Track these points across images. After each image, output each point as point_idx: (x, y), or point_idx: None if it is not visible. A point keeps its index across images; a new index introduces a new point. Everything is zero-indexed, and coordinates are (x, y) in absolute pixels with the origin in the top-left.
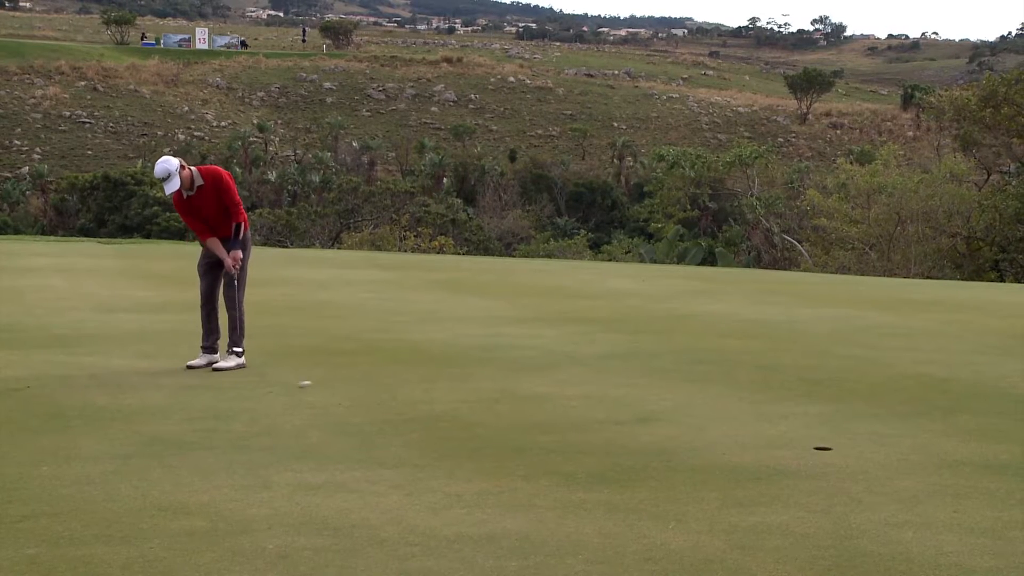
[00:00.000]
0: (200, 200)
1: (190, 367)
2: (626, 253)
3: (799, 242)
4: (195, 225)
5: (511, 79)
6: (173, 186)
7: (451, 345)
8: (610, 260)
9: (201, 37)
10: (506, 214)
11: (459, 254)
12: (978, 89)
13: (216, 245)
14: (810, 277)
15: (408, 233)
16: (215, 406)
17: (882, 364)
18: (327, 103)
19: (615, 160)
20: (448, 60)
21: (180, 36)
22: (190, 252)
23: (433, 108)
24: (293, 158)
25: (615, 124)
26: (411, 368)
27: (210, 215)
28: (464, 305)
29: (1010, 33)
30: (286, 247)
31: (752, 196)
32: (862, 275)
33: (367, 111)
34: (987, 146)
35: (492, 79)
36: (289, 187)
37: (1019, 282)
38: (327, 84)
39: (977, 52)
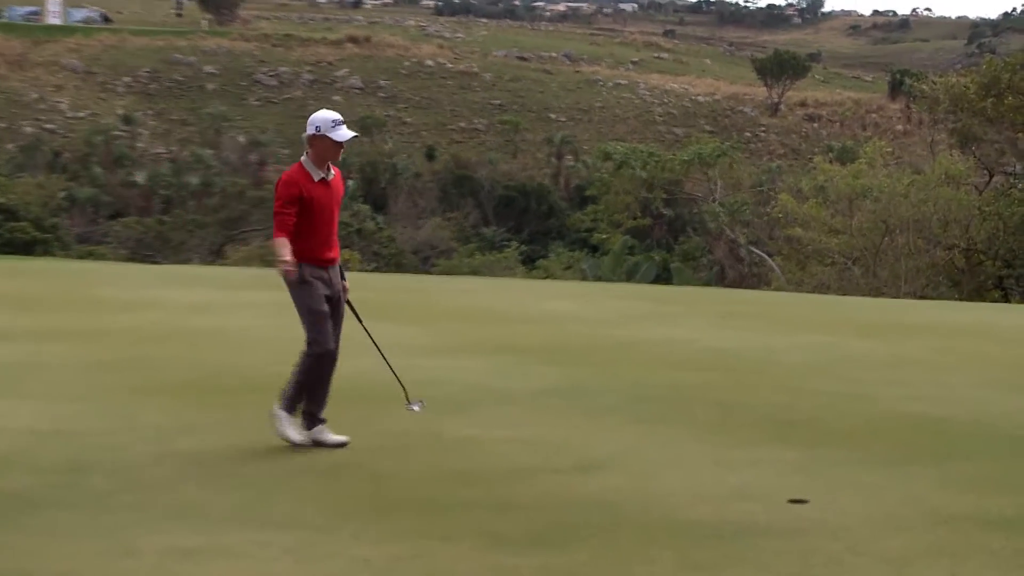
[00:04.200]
0: (331, 191)
1: (341, 444)
2: (566, 269)
3: (769, 256)
4: (319, 226)
5: (428, 62)
6: (348, 134)
7: (356, 380)
8: (547, 277)
9: (53, 10)
10: (423, 223)
11: (366, 271)
12: (978, 75)
13: (286, 247)
14: (782, 297)
15: None
16: (70, 456)
17: (867, 401)
18: (208, 90)
19: (552, 159)
20: (353, 40)
21: (27, 8)
22: (33, 270)
23: (336, 97)
24: (166, 156)
25: (552, 116)
26: None
27: (328, 217)
28: (372, 332)
29: (1015, 9)
30: (156, 263)
31: (714, 201)
32: (844, 295)
33: (256, 100)
34: (989, 142)
35: (406, 62)
36: (161, 191)
37: None
38: (208, 68)
39: (976, 31)
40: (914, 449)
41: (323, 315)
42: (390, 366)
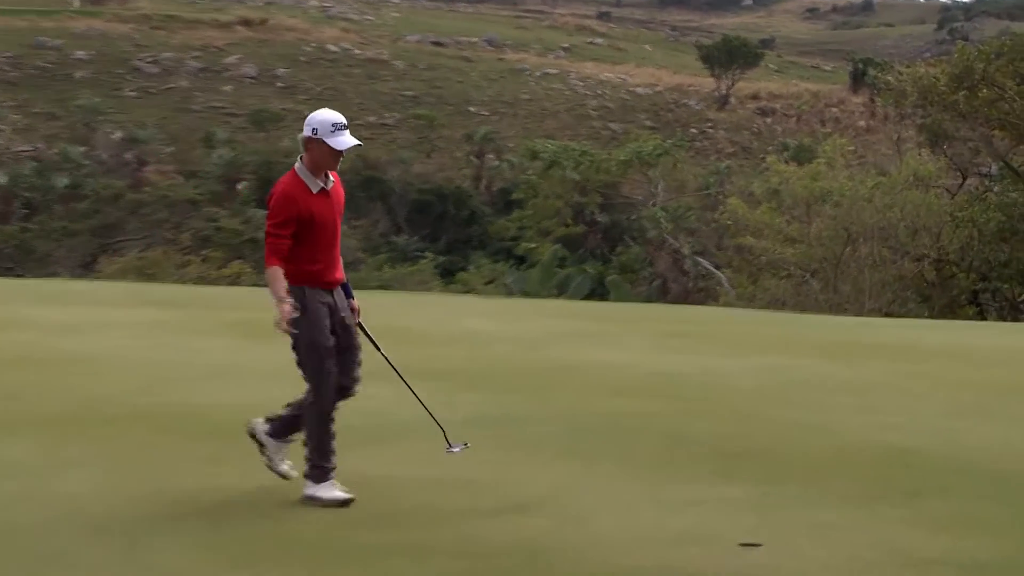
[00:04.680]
0: (331, 202)
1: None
2: (488, 283)
3: (718, 267)
4: (322, 244)
5: (332, 48)
6: (349, 142)
7: (249, 411)
8: (467, 292)
9: None
10: None
11: (261, 285)
12: (949, 65)
13: (280, 281)
14: (732, 315)
15: (191, 257)
16: None
17: (827, 431)
18: (78, 79)
19: (473, 158)
20: (246, 22)
21: None
22: None
23: (226, 87)
24: (29, 154)
25: (473, 110)
26: (193, 443)
27: (331, 233)
28: (267, 356)
29: None
30: (18, 276)
31: (655, 206)
32: (801, 311)
33: (134, 91)
34: (961, 140)
35: (306, 48)
36: (23, 194)
37: (1005, 319)
38: (78, 53)
39: (947, 16)
40: (880, 485)
41: (328, 352)
42: (421, 401)
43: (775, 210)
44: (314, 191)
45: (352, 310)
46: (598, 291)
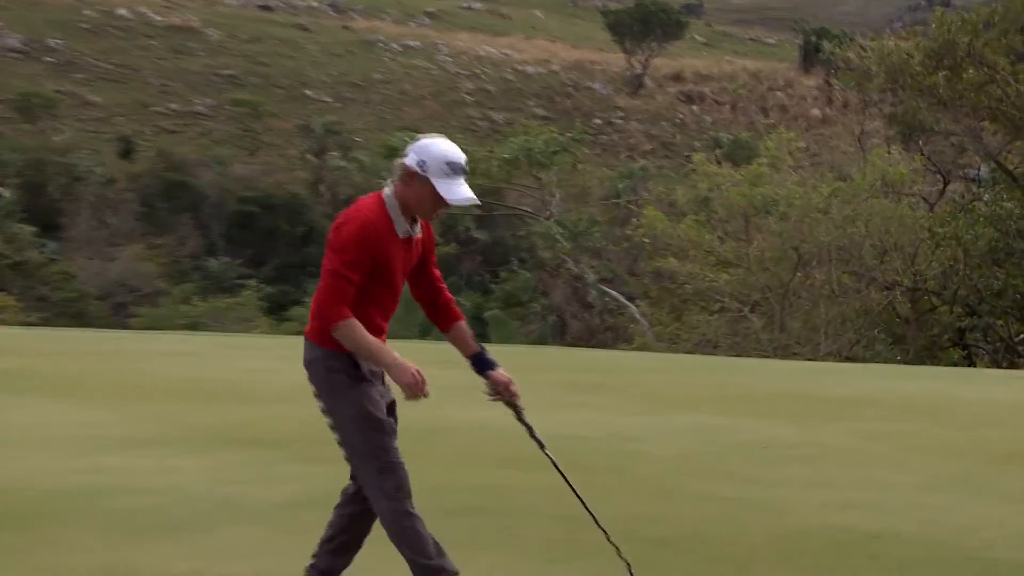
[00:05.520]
0: (411, 255)
1: None
2: None
3: (631, 299)
4: (383, 301)
5: (123, 13)
6: (464, 195)
7: (7, 491)
8: (301, 332)
9: None
10: (116, 252)
11: (27, 324)
12: (925, 39)
13: (368, 336)
14: (650, 361)
15: None
16: None
17: (772, 511)
18: None
19: (311, 157)
20: None
21: None
22: None
23: None
24: None
25: (311, 94)
26: None
27: (396, 291)
28: (34, 416)
29: None
30: None
31: (550, 219)
32: (738, 355)
33: None
34: (942, 134)
35: (89, 13)
36: None
37: (999, 365)
38: None
39: None
40: (842, 573)
41: (383, 427)
42: (594, 518)
43: (704, 224)
44: (399, 234)
45: (503, 387)
46: (475, 329)
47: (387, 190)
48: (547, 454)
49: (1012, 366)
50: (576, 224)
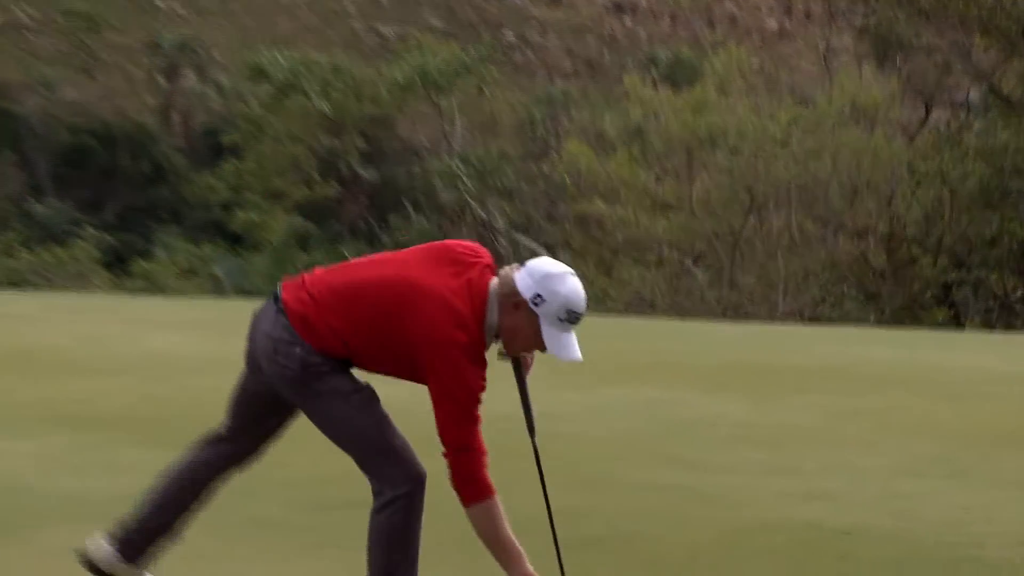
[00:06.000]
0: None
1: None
2: (185, 276)
3: (550, 251)
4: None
5: None
6: (572, 352)
7: None
8: (151, 291)
9: None
10: None
11: None
12: None
13: (511, 537)
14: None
15: None
16: None
17: (723, 503)
18: None
19: (160, 79)
20: None
21: None
22: None
23: None
24: None
25: (159, 3)
26: None
27: None
28: None
29: None
30: None
31: (453, 155)
32: (680, 317)
33: None
34: (924, 51)
35: None
36: None
37: (991, 326)
38: None
39: None
40: None
41: (371, 410)
42: (551, 516)
43: (638, 160)
44: (484, 353)
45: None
46: None
47: (494, 295)
48: (532, 439)
49: (1008, 328)
50: (483, 160)
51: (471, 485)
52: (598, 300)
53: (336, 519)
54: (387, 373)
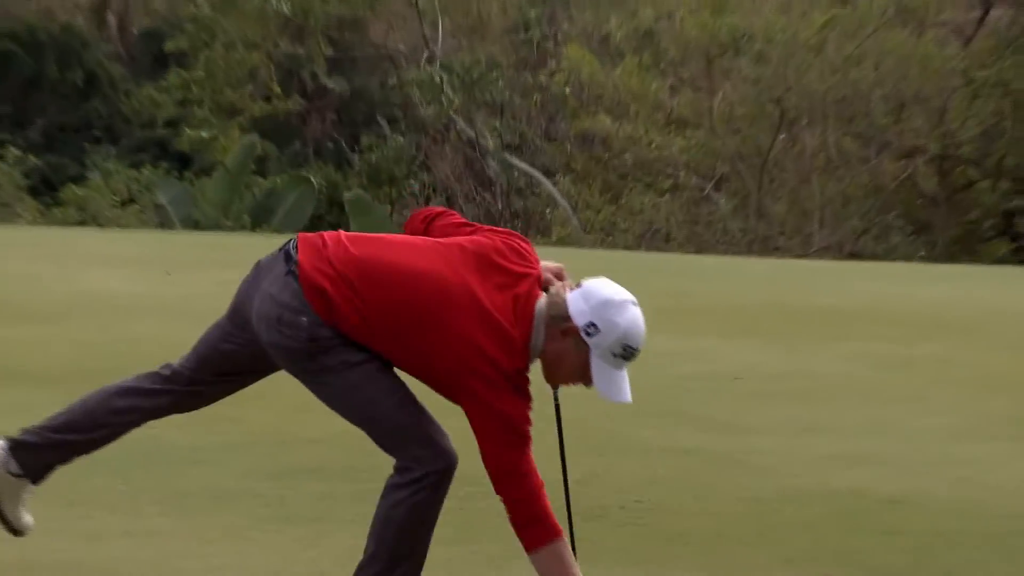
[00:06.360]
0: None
1: None
2: (124, 204)
3: (548, 175)
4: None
5: None
6: (622, 393)
7: None
8: (84, 221)
9: None
10: None
11: None
12: None
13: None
14: (577, 259)
15: None
16: None
17: (747, 468)
18: None
19: None
20: None
21: None
22: None
23: None
24: None
25: None
26: None
27: None
28: None
29: None
30: None
31: (433, 62)
32: (698, 252)
33: None
34: None
35: None
36: None
37: None
38: None
39: None
40: (849, 565)
41: (393, 392)
42: (566, 486)
43: (649, 69)
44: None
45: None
46: (330, 218)
47: (541, 319)
48: (555, 397)
49: None
50: (469, 69)
51: (535, 526)
52: (605, 232)
53: (302, 489)
54: (408, 373)
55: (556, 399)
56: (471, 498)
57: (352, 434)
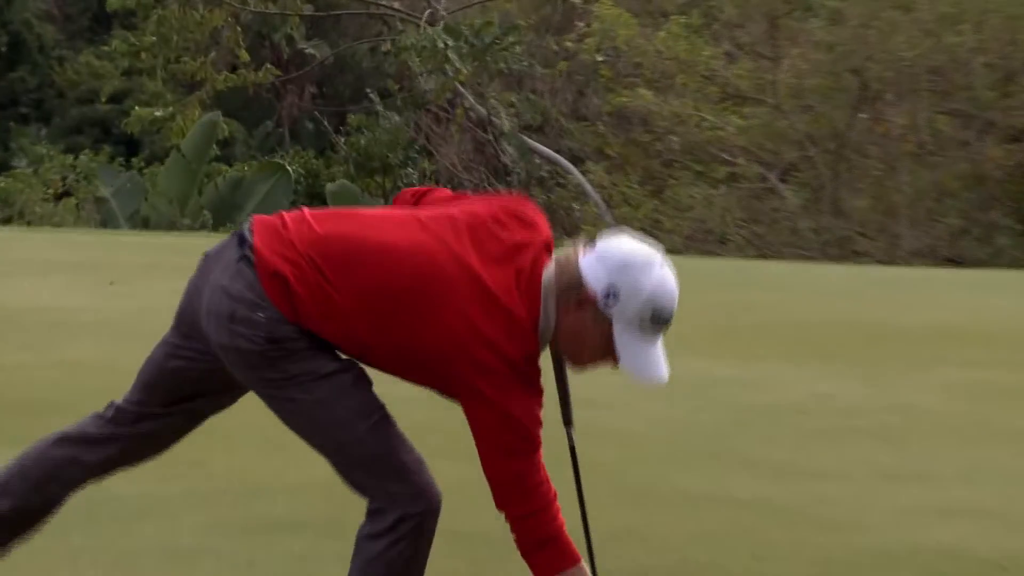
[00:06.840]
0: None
1: None
2: (59, 197)
3: (576, 162)
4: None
5: None
6: (659, 370)
7: None
8: (10, 220)
9: None
10: None
11: None
12: None
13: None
14: None
15: None
16: None
17: (819, 523)
18: None
19: None
20: None
21: None
22: None
23: None
24: None
25: None
26: None
27: None
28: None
29: None
30: None
31: (435, 24)
32: (761, 257)
33: None
34: None
35: None
36: None
37: None
38: None
39: None
40: None
41: (377, 422)
42: (585, 523)
43: (698, 32)
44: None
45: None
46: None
47: (548, 295)
48: (569, 431)
49: None
50: (480, 32)
51: (546, 550)
52: (645, 233)
53: (276, 547)
54: (393, 374)
55: (571, 439)
56: (487, 561)
57: (338, 481)
